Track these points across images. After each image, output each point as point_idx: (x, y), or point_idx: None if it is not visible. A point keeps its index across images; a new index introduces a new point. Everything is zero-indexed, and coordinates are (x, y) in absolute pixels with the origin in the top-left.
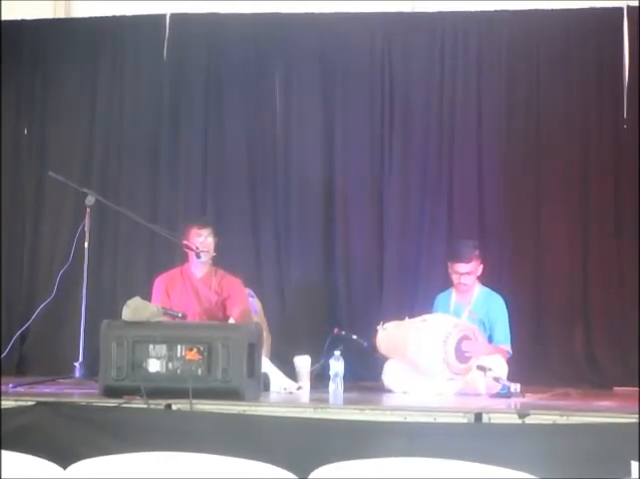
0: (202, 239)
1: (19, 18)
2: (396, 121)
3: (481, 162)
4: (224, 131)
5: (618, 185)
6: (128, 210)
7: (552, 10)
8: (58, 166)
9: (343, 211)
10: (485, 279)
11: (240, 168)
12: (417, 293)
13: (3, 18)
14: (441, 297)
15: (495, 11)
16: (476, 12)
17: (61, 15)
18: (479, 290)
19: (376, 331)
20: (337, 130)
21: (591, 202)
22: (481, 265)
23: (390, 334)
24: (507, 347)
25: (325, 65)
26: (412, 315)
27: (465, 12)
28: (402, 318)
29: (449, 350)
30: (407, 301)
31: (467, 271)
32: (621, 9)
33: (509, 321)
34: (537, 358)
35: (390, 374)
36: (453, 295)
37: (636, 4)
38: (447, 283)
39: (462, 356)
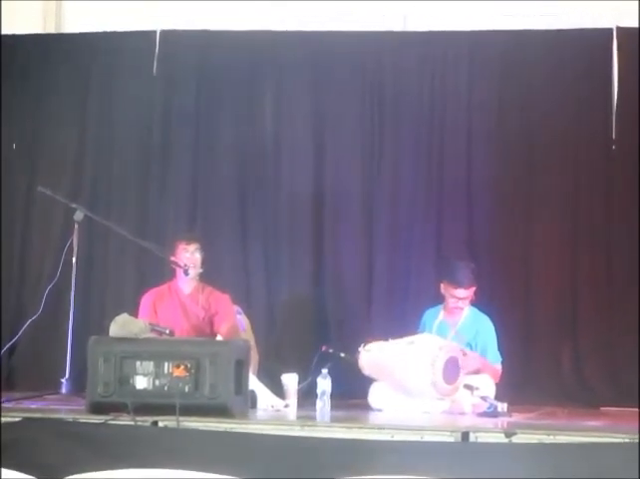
0: (189, 255)
1: (9, 33)
2: (386, 138)
3: (471, 180)
4: (214, 146)
5: (608, 204)
6: (117, 225)
7: (542, 30)
8: (47, 181)
9: (332, 227)
10: (474, 298)
11: (230, 183)
12: (406, 311)
13: None
14: (429, 313)
15: (486, 31)
16: (466, 32)
17: (51, 30)
18: (467, 311)
19: None
20: (327, 147)
21: (581, 220)
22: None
23: (374, 357)
24: (499, 367)
25: (316, 83)
26: (400, 334)
27: (455, 32)
28: (387, 338)
29: (436, 373)
30: (396, 319)
31: (464, 297)
32: (610, 30)
33: (497, 339)
34: (525, 377)
35: (376, 397)
36: (440, 314)
37: (625, 25)
38: (436, 300)
39: (449, 377)
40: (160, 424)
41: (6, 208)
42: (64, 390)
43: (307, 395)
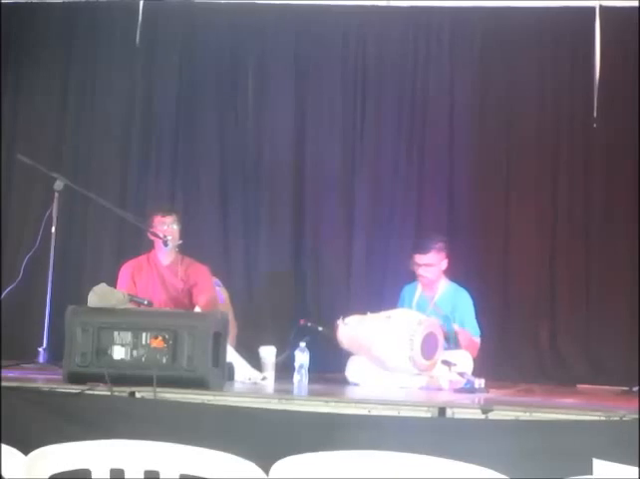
0: (167, 227)
1: None
2: (368, 113)
3: (452, 157)
4: (196, 118)
5: (587, 184)
6: (96, 195)
7: (525, 8)
8: (28, 149)
9: (313, 201)
10: (453, 275)
11: (211, 154)
12: (385, 285)
13: None
14: (407, 288)
15: (469, 7)
16: (449, 7)
17: None
18: (445, 285)
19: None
20: (309, 120)
21: (560, 200)
22: (445, 260)
23: (352, 330)
24: (477, 340)
25: (298, 55)
26: (379, 308)
27: (438, 7)
28: (364, 313)
29: (415, 348)
30: (375, 293)
31: (425, 263)
32: (593, 8)
33: (475, 316)
34: (503, 354)
35: (354, 371)
36: (418, 288)
37: (608, 4)
38: (414, 277)
39: (427, 352)
40: (137, 395)
41: None
42: (41, 360)
43: (285, 368)
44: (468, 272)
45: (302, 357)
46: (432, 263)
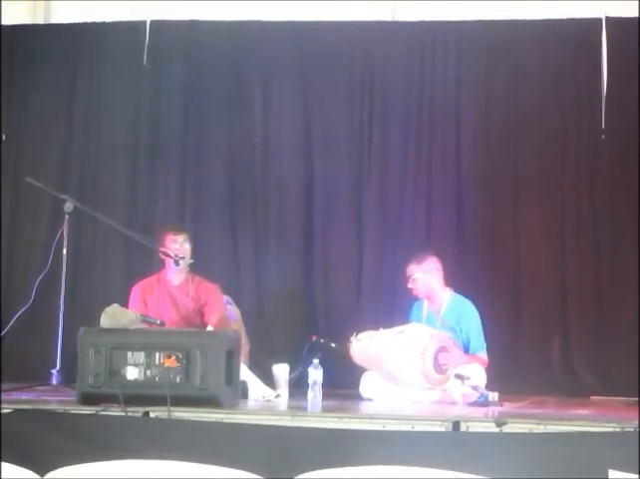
0: (179, 246)
1: None
2: (375, 129)
3: (460, 172)
4: (203, 137)
5: (595, 195)
6: (105, 215)
7: (531, 20)
8: (35, 171)
9: (322, 217)
10: (463, 288)
11: (219, 174)
12: (395, 301)
13: None
14: (416, 305)
15: (474, 21)
16: (455, 22)
17: (40, 21)
18: (450, 298)
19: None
20: (316, 137)
21: (568, 211)
22: (431, 272)
23: (365, 346)
24: (484, 355)
25: (305, 72)
26: (389, 324)
27: (444, 22)
28: (376, 328)
29: (427, 363)
30: (385, 309)
31: (408, 275)
32: (600, 20)
33: (486, 329)
34: (514, 367)
35: (367, 387)
36: (425, 304)
37: (615, 15)
38: None
39: (439, 367)
40: (151, 415)
41: None
42: (54, 381)
43: (298, 385)
44: (478, 286)
45: (315, 374)
46: (411, 275)
